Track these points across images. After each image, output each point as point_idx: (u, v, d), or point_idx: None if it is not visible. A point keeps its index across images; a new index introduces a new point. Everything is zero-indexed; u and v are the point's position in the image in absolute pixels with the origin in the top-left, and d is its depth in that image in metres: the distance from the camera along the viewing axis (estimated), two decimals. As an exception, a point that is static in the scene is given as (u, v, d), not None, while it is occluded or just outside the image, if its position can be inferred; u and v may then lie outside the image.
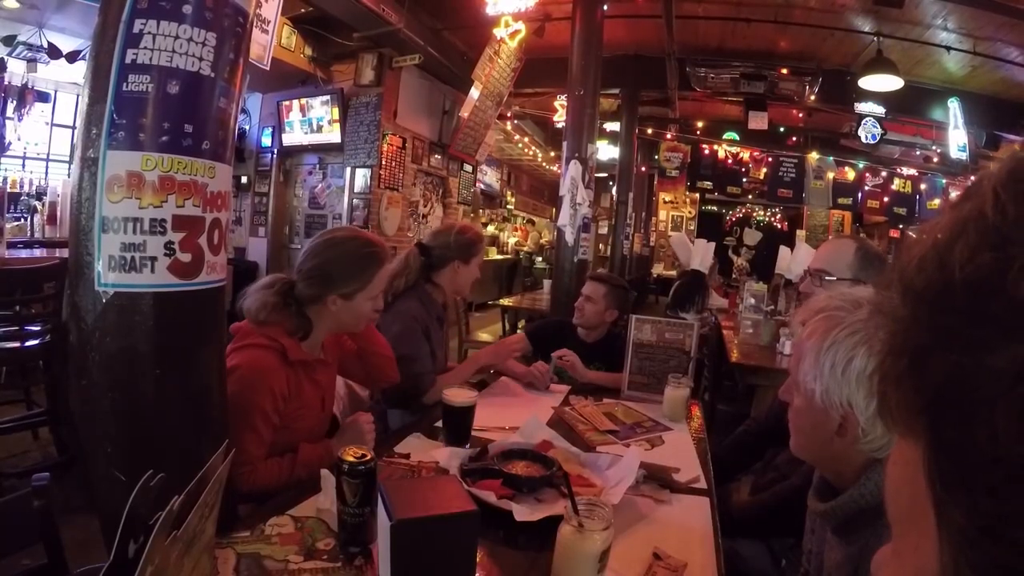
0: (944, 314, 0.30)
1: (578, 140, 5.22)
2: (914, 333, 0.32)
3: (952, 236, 0.31)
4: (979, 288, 0.29)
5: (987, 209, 0.30)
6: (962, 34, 6.85)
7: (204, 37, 1.22)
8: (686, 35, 7.77)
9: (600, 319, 2.99)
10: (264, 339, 1.71)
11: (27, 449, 3.55)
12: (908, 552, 0.35)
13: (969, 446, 0.28)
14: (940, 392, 0.30)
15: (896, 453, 0.37)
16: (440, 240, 2.64)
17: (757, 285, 6.01)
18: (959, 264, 0.30)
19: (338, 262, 1.82)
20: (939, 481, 0.31)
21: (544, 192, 18.34)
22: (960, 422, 0.29)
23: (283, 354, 1.71)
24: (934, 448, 0.31)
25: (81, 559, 1.36)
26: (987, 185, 0.31)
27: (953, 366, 0.29)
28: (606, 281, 3.04)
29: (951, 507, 0.30)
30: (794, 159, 12.59)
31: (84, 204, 1.19)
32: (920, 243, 0.33)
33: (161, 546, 0.72)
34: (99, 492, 1.28)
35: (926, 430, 0.32)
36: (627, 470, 1.62)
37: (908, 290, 0.33)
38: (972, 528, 0.29)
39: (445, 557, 1.06)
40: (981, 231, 0.30)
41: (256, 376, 1.65)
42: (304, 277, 1.81)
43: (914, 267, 0.33)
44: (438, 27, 7.65)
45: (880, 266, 2.09)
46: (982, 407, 0.28)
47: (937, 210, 11.68)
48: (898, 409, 0.34)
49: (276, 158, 8.20)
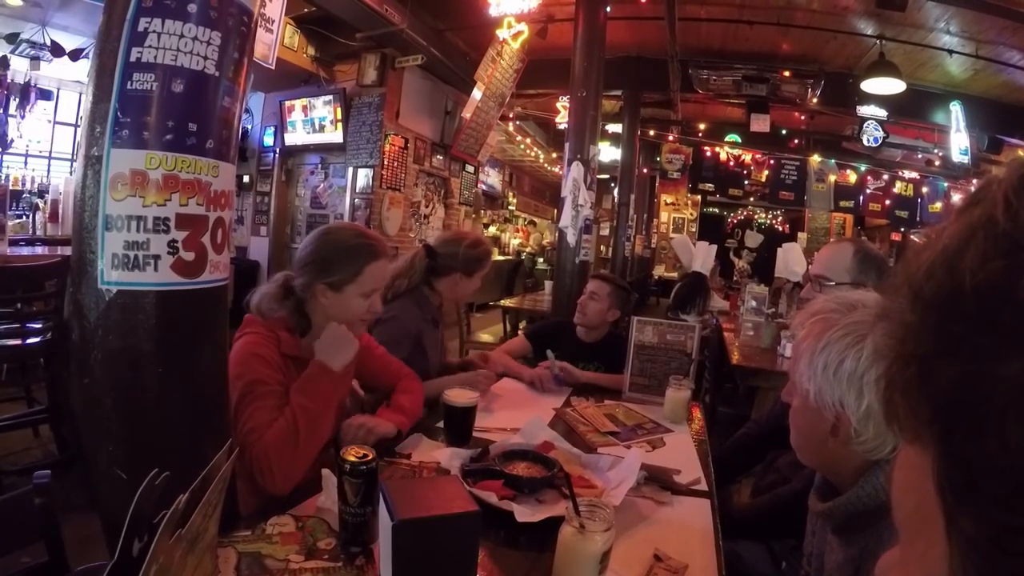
0: (953, 321, 0.30)
1: (580, 141, 5.22)
2: (923, 340, 0.31)
3: (962, 242, 0.31)
4: (990, 296, 0.28)
5: (998, 215, 0.30)
6: (965, 37, 6.85)
7: (209, 36, 1.22)
8: (688, 37, 7.77)
9: (602, 318, 2.98)
10: (263, 328, 1.73)
11: (28, 447, 3.55)
12: (915, 558, 0.35)
13: (979, 456, 0.28)
14: (949, 401, 0.30)
15: (903, 459, 0.36)
16: (449, 249, 2.63)
17: (758, 287, 6.01)
18: (970, 271, 0.29)
19: (328, 249, 1.81)
20: (949, 490, 0.30)
21: (546, 193, 18.35)
22: (970, 432, 0.29)
23: (278, 345, 1.72)
24: (943, 457, 0.31)
25: (82, 557, 1.36)
26: (997, 191, 0.31)
27: (962, 374, 0.29)
28: (611, 280, 3.04)
29: (961, 516, 0.30)
30: (796, 162, 12.59)
31: (88, 202, 1.19)
32: (929, 249, 0.33)
33: (165, 545, 0.72)
34: (100, 490, 1.28)
35: (935, 439, 0.31)
36: (628, 471, 1.61)
37: (917, 296, 0.32)
38: (982, 538, 0.28)
39: (446, 557, 1.06)
40: (992, 238, 0.29)
41: (250, 353, 1.67)
42: (298, 266, 1.82)
43: (923, 273, 0.32)
44: (441, 28, 7.66)
45: (880, 268, 2.08)
46: (992, 416, 0.27)
47: (942, 214, 11.76)
48: (906, 416, 0.33)
49: (278, 158, 8.22)
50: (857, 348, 1.03)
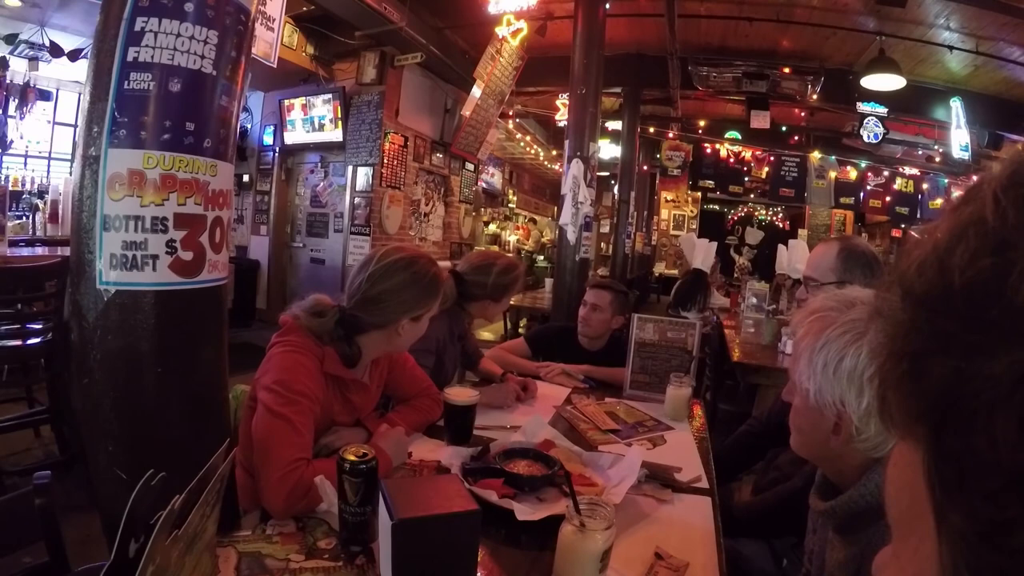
0: (944, 319, 0.30)
1: (580, 139, 5.22)
2: (913, 337, 0.32)
3: (952, 240, 0.31)
4: (979, 293, 0.29)
5: (987, 213, 0.30)
6: (965, 34, 6.85)
7: (206, 35, 1.22)
8: (688, 34, 7.76)
9: (607, 327, 2.93)
10: (308, 340, 1.67)
11: (29, 447, 3.55)
12: (908, 554, 0.35)
13: (968, 452, 0.28)
14: (939, 397, 0.30)
15: (896, 455, 0.37)
16: (478, 276, 2.58)
17: (759, 284, 6.01)
18: (959, 269, 0.30)
19: (418, 285, 1.77)
20: (939, 486, 0.31)
21: (546, 191, 18.34)
22: (959, 428, 0.29)
23: (321, 361, 1.67)
24: (934, 453, 0.31)
25: (83, 557, 1.36)
26: (987, 189, 0.31)
27: (952, 371, 0.29)
28: (609, 288, 2.98)
29: (951, 512, 0.30)
30: (796, 158, 12.58)
31: (85, 202, 1.19)
32: (920, 246, 0.33)
33: (162, 546, 0.71)
34: (100, 490, 1.28)
35: (926, 435, 0.32)
36: (629, 469, 1.61)
37: (908, 294, 0.33)
38: (971, 533, 0.29)
39: (446, 556, 1.05)
40: (981, 235, 0.30)
41: (298, 362, 1.61)
42: (370, 300, 1.73)
43: (914, 271, 0.33)
44: (440, 26, 7.65)
45: (867, 266, 2.07)
46: (981, 413, 0.28)
47: (937, 212, 11.73)
48: (898, 413, 0.34)
49: (278, 156, 8.22)
50: (856, 345, 1.03)
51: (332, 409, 1.74)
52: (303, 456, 1.48)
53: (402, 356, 2.07)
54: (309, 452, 1.53)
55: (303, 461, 1.46)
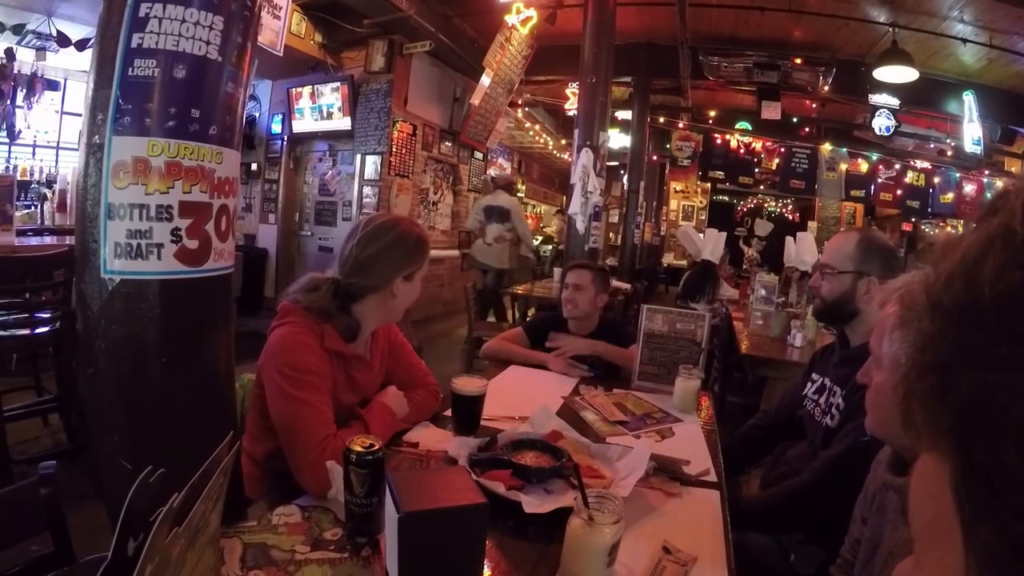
0: (973, 331, 0.30)
1: (590, 128, 5.19)
2: (942, 350, 0.32)
3: (980, 253, 0.31)
4: (1008, 306, 0.29)
5: (1016, 226, 0.30)
6: (978, 26, 6.77)
7: (211, 21, 1.20)
8: (699, 23, 7.72)
9: (592, 306, 2.90)
10: (306, 319, 1.69)
11: (37, 435, 3.57)
12: (932, 567, 0.35)
13: (998, 466, 0.28)
14: (967, 411, 0.30)
15: (921, 468, 0.36)
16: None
17: (768, 276, 5.97)
18: (988, 282, 0.29)
19: (404, 243, 1.80)
20: (967, 500, 0.30)
21: (555, 180, 18.29)
22: (988, 442, 0.29)
23: (321, 338, 1.68)
24: (962, 467, 0.31)
25: (90, 546, 1.36)
26: (1016, 201, 0.31)
27: (981, 384, 0.29)
28: (587, 267, 2.97)
29: (979, 525, 0.30)
30: (807, 150, 12.46)
31: (90, 191, 1.18)
32: (948, 258, 0.33)
33: (161, 544, 0.70)
34: (106, 481, 1.27)
35: (953, 448, 0.31)
36: (637, 462, 1.60)
37: (936, 306, 0.32)
38: (999, 548, 0.28)
39: (453, 549, 1.04)
40: (1010, 248, 0.30)
41: (299, 341, 1.64)
42: (362, 264, 1.76)
43: (942, 283, 0.32)
44: (449, 14, 7.62)
45: (885, 258, 2.06)
46: (1012, 427, 0.27)
47: (954, 205, 11.67)
48: (924, 425, 0.33)
49: (286, 145, 8.22)
50: None
51: (336, 388, 1.73)
52: (329, 432, 1.53)
53: (400, 339, 2.09)
54: (333, 426, 1.57)
55: (330, 437, 1.51)
